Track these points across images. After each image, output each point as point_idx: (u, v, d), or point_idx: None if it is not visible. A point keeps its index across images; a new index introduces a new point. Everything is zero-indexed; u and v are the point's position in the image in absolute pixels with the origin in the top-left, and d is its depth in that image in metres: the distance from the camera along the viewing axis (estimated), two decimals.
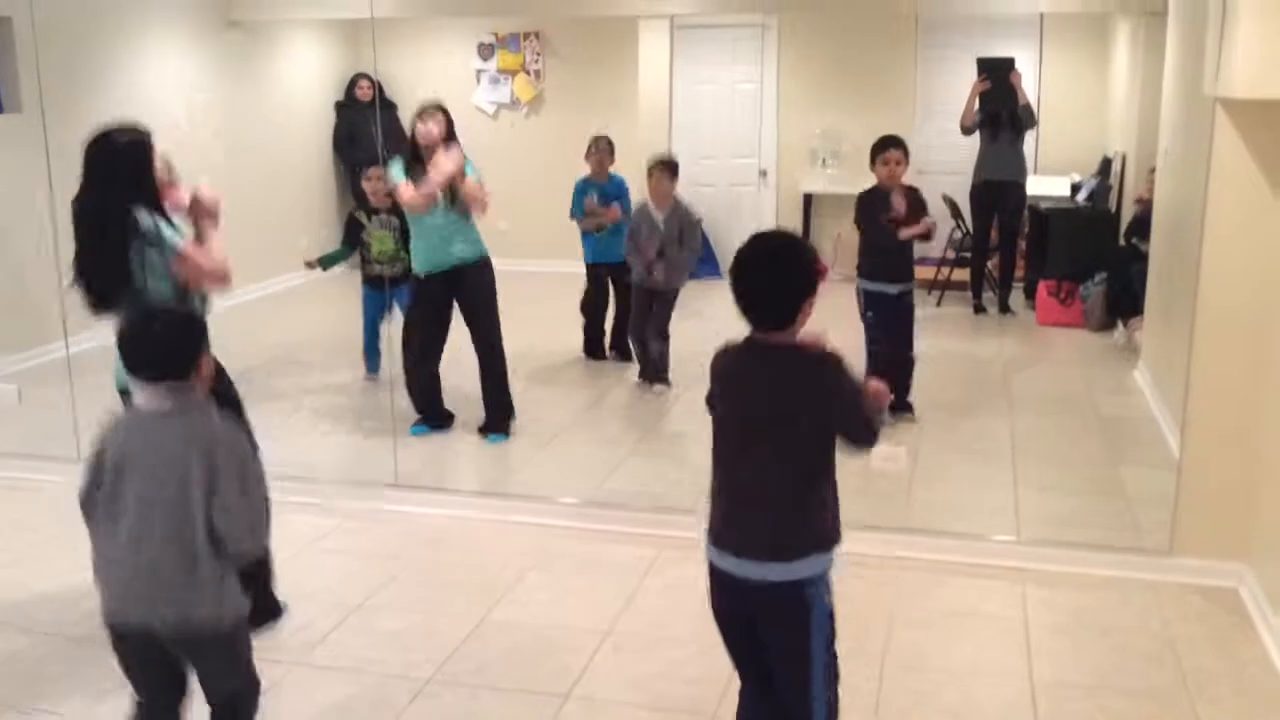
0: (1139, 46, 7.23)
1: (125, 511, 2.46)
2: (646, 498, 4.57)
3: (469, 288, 5.29)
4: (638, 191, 6.31)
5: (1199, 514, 3.93)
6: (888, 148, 5.22)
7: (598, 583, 3.98)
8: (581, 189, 6.50)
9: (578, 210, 6.49)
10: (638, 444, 5.50)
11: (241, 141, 7.64)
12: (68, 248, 3.38)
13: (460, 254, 5.23)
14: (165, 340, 2.54)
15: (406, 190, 5.11)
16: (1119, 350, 6.78)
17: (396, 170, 5.19)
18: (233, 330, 2.90)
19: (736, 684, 2.81)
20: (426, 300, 5.34)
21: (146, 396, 2.53)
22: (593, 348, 6.71)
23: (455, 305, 5.35)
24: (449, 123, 5.20)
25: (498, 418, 5.42)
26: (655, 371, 6.09)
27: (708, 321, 6.06)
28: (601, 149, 6.47)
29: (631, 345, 6.30)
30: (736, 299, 2.43)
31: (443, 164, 5.07)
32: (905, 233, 5.23)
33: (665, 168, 5.98)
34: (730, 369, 2.53)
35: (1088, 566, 4.02)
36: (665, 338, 6.05)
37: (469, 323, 5.36)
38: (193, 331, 2.62)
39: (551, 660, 3.45)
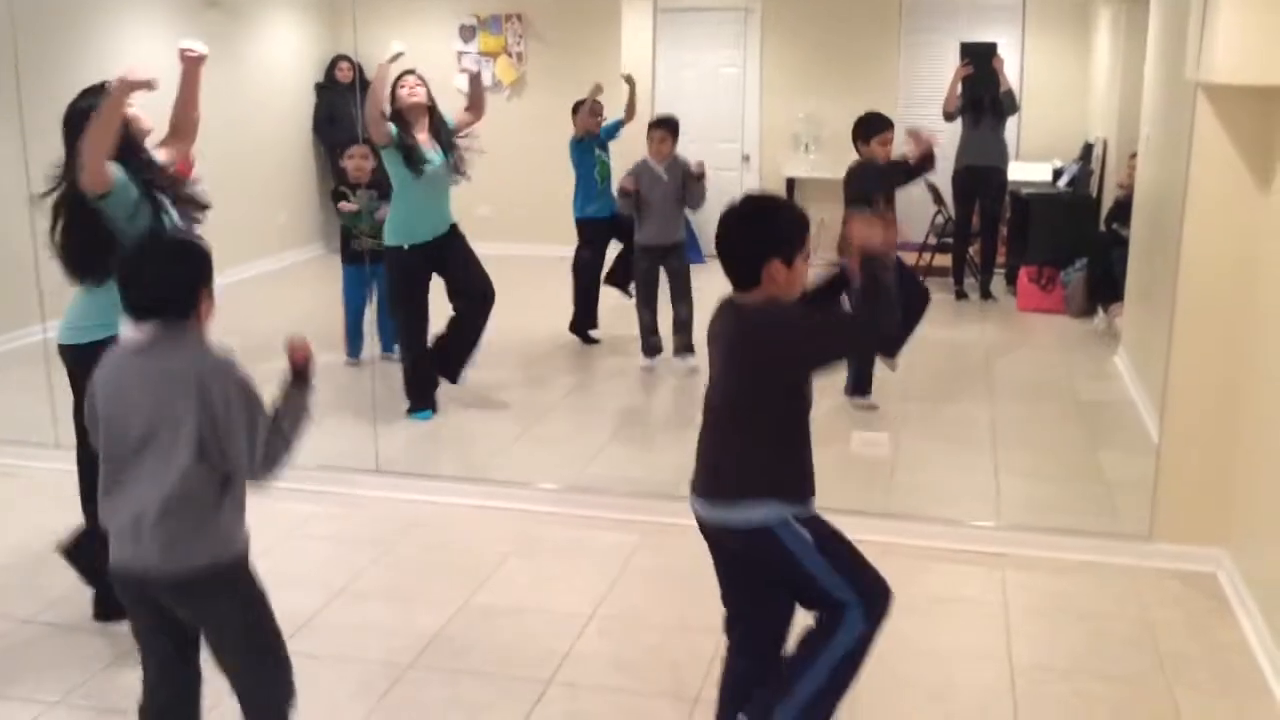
0: (1120, 32, 7.25)
1: (115, 455, 2.40)
2: (628, 483, 4.57)
3: (453, 249, 5.32)
4: (620, 159, 6.38)
5: (1178, 499, 3.96)
6: (885, 129, 5.25)
7: (580, 568, 3.98)
8: (586, 144, 6.48)
9: (587, 160, 6.46)
10: (619, 429, 5.49)
11: (220, 122, 7.56)
12: (44, 230, 3.37)
13: (443, 224, 5.28)
14: (159, 274, 2.39)
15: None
16: (1099, 336, 6.81)
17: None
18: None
19: (719, 665, 2.81)
20: (410, 274, 5.29)
21: (134, 333, 2.38)
22: (581, 323, 6.61)
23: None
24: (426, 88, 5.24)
25: (463, 364, 5.48)
26: (681, 342, 6.01)
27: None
28: (595, 108, 6.50)
29: (639, 317, 6.16)
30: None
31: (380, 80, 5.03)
32: (918, 150, 5.31)
33: (667, 128, 6.01)
34: (709, 327, 2.63)
35: (1067, 551, 4.04)
36: (690, 301, 5.98)
37: (462, 279, 5.36)
38: (189, 263, 2.43)
39: (534, 645, 3.45)
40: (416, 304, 5.33)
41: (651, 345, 6.13)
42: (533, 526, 4.30)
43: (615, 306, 6.65)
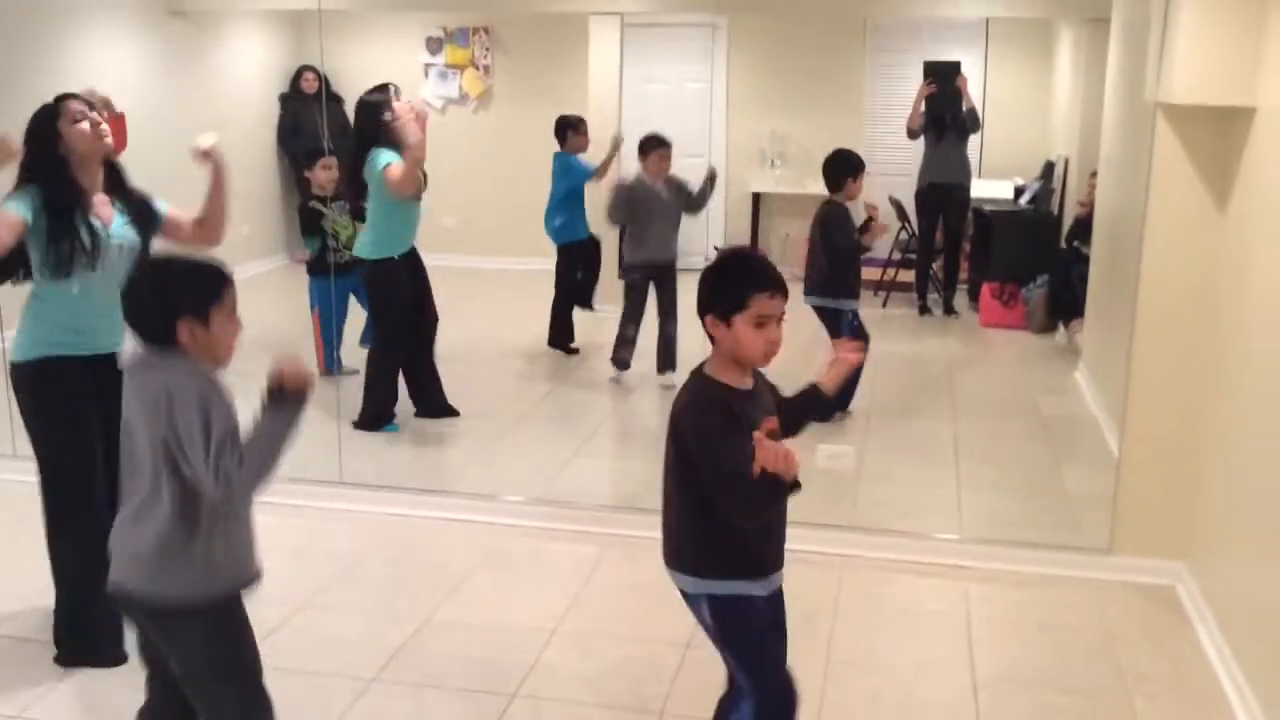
0: (1082, 52, 7.35)
1: (123, 466, 2.38)
2: (594, 495, 4.56)
3: (421, 267, 5.34)
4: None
5: (1137, 513, 4.00)
6: (861, 170, 5.31)
7: (544, 581, 3.97)
8: (582, 169, 6.59)
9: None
10: (585, 442, 5.48)
11: (183, 132, 7.51)
12: None
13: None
14: (134, 298, 2.38)
15: (398, 170, 5.00)
16: (1060, 351, 6.88)
17: (389, 155, 5.06)
18: None
19: (682, 680, 2.81)
20: (400, 285, 5.26)
21: (132, 349, 2.39)
22: (560, 336, 6.64)
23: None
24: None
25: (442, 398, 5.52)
26: (664, 359, 6.01)
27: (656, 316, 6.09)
28: (584, 127, 6.61)
29: (620, 330, 6.14)
30: None
31: (413, 130, 4.98)
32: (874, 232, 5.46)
33: (666, 145, 6.03)
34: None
35: (1029, 565, 4.08)
36: (676, 318, 5.99)
37: (426, 302, 5.40)
38: (167, 292, 2.33)
39: (498, 659, 3.43)
40: (412, 309, 5.33)
41: (622, 359, 6.12)
42: (499, 539, 4.29)
43: (590, 316, 6.69)
